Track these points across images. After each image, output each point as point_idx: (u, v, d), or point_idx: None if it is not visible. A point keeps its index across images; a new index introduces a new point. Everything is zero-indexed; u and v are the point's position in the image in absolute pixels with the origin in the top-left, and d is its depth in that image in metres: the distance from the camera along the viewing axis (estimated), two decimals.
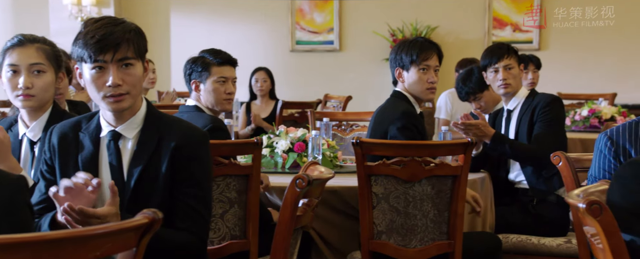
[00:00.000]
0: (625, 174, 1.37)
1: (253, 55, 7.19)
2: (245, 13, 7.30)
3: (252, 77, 4.88)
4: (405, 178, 2.32)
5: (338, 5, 7.24)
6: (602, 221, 1.31)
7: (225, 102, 2.54)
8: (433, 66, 2.59)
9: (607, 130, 1.92)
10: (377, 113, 2.68)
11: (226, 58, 2.57)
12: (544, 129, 2.76)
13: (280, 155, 2.81)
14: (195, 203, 1.51)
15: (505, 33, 7.14)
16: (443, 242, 2.36)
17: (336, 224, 2.53)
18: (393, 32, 7.04)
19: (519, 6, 7.11)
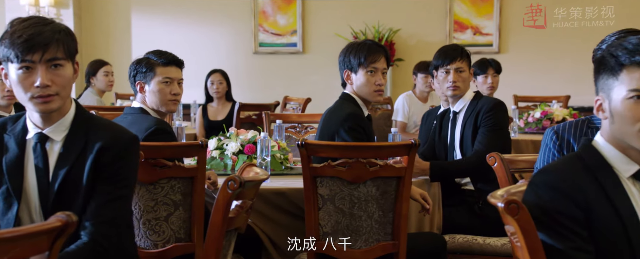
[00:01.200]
0: (537, 182, 1.41)
1: (216, 57, 7.17)
2: (207, 14, 7.28)
3: (208, 79, 4.86)
4: (350, 180, 2.34)
5: (301, 8, 7.27)
6: (520, 219, 1.34)
7: (171, 103, 2.54)
8: (381, 69, 2.63)
9: (555, 126, 1.98)
10: (325, 115, 2.70)
11: (171, 58, 2.56)
12: (488, 133, 2.82)
13: (229, 157, 2.81)
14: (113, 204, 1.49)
15: (466, 36, 7.26)
16: (388, 243, 2.39)
17: (284, 225, 2.54)
18: (356, 35, 7.09)
19: (479, 10, 7.23)
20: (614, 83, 1.39)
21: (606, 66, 1.41)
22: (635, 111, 1.36)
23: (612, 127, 1.41)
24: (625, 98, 1.37)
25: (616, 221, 1.35)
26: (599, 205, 1.35)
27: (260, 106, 4.52)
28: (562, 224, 1.33)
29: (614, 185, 1.39)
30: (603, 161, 1.42)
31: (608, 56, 1.41)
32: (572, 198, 1.34)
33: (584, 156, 1.43)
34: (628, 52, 1.37)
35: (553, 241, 1.34)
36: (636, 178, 1.43)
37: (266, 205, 2.53)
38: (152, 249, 2.22)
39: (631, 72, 1.36)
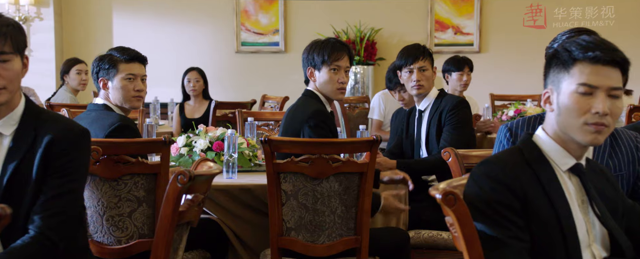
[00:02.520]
0: (478, 172, 1.45)
1: (198, 56, 7.19)
2: (189, 14, 7.29)
3: (185, 77, 4.88)
4: (313, 176, 2.37)
5: (283, 7, 7.29)
6: (457, 210, 1.39)
7: (134, 99, 2.56)
8: (344, 67, 2.66)
9: (509, 122, 2.03)
10: (288, 112, 2.73)
11: (134, 55, 2.58)
12: (452, 131, 2.87)
13: (198, 154, 2.83)
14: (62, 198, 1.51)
15: (447, 35, 7.31)
16: (350, 237, 2.42)
17: (250, 221, 2.57)
18: (337, 34, 7.12)
19: (459, 9, 7.28)
20: (565, 77, 1.44)
21: (559, 60, 1.46)
22: (581, 104, 1.41)
23: (558, 119, 1.46)
24: (574, 91, 1.42)
25: (551, 212, 1.40)
26: (536, 195, 1.40)
27: (237, 104, 4.54)
28: (501, 213, 1.37)
29: (551, 178, 1.44)
30: (541, 155, 1.47)
31: (562, 51, 1.46)
32: (510, 188, 1.38)
33: (523, 150, 1.48)
34: (581, 48, 1.43)
35: (491, 230, 1.38)
36: (573, 172, 1.47)
37: (233, 202, 2.56)
38: (116, 246, 2.24)
39: (582, 67, 1.42)
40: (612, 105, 1.42)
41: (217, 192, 2.54)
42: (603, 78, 1.41)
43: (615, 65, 1.43)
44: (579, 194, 1.46)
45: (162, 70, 6.92)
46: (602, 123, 1.41)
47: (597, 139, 1.43)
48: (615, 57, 1.43)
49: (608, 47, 1.44)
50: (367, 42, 7.07)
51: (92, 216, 2.25)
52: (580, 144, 1.45)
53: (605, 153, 1.85)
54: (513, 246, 1.36)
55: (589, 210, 1.46)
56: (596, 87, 1.41)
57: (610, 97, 1.42)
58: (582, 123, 1.42)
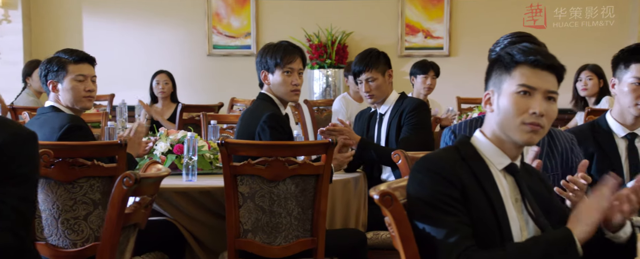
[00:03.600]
0: (418, 168, 1.50)
1: (169, 59, 7.17)
2: (161, 16, 7.27)
3: (153, 79, 4.88)
4: (270, 178, 2.40)
5: (255, 10, 7.31)
6: (393, 210, 1.43)
7: (85, 100, 2.57)
8: (297, 69, 2.70)
9: (452, 125, 2.09)
10: (244, 115, 2.76)
11: (83, 56, 2.59)
12: (410, 132, 2.92)
13: (158, 157, 2.85)
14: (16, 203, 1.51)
15: (418, 39, 7.38)
16: (307, 239, 2.45)
17: (209, 223, 2.59)
18: (309, 37, 7.16)
19: (429, 13, 7.36)
20: (506, 78, 1.51)
21: (502, 63, 1.53)
22: (519, 104, 1.48)
23: (497, 119, 1.52)
24: (514, 92, 1.49)
25: (487, 206, 1.45)
26: (473, 189, 1.46)
27: (203, 107, 4.55)
28: (446, 202, 1.43)
29: (486, 175, 1.49)
30: (477, 154, 1.53)
31: (505, 54, 1.53)
32: (450, 180, 1.44)
33: (460, 148, 1.54)
34: (523, 53, 1.51)
35: (439, 221, 1.42)
36: (508, 171, 1.53)
37: (192, 204, 2.58)
38: (71, 249, 2.25)
39: (523, 70, 1.50)
40: (548, 108, 1.49)
41: (176, 194, 2.56)
42: (541, 81, 1.49)
43: (553, 71, 1.51)
44: (513, 193, 1.52)
45: (133, 72, 6.90)
46: (538, 124, 1.48)
47: (533, 139, 1.49)
48: (554, 63, 1.51)
49: (547, 54, 1.53)
50: (338, 45, 7.11)
51: (46, 219, 2.25)
52: (516, 144, 1.51)
53: (542, 154, 1.91)
54: (463, 231, 1.41)
55: (522, 208, 1.51)
56: (535, 89, 1.49)
57: (547, 99, 1.49)
58: (519, 122, 1.49)
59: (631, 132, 2.20)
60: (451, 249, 1.40)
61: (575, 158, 1.95)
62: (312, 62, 7.14)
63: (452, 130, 2.01)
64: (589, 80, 4.29)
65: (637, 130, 2.20)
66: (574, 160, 1.95)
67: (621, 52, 2.19)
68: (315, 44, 7.12)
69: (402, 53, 7.27)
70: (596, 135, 2.20)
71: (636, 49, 2.14)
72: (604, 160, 2.15)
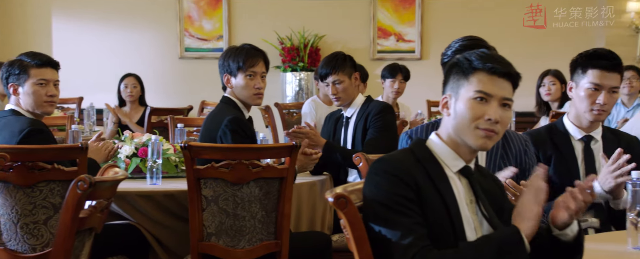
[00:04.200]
0: (374, 169, 1.51)
1: (140, 62, 7.12)
2: (132, 19, 7.21)
3: (121, 82, 4.84)
4: (234, 181, 2.40)
5: (227, 13, 7.29)
6: (347, 213, 1.44)
7: (47, 104, 2.53)
8: (259, 72, 2.70)
9: (408, 130, 2.11)
10: (207, 119, 2.75)
11: (46, 59, 2.56)
12: (375, 135, 2.95)
13: (123, 160, 2.83)
14: None
15: (389, 42, 7.44)
16: (270, 242, 2.45)
17: (173, 227, 2.58)
18: (282, 40, 7.17)
19: (401, 17, 7.42)
20: (464, 84, 1.53)
21: (460, 68, 1.55)
22: (475, 109, 1.51)
23: (453, 123, 1.54)
24: (471, 97, 1.51)
25: (441, 207, 1.48)
26: (428, 190, 1.48)
27: (172, 110, 4.53)
28: (402, 203, 1.44)
29: (441, 177, 1.51)
30: (432, 156, 1.55)
31: (463, 59, 1.55)
32: (405, 181, 1.46)
33: (415, 151, 1.56)
34: (481, 59, 1.53)
35: (395, 222, 1.44)
36: (462, 174, 1.55)
37: (156, 208, 2.56)
38: (30, 253, 2.21)
39: (480, 76, 1.52)
40: (503, 114, 1.52)
41: (140, 198, 2.54)
42: (497, 88, 1.52)
43: (509, 78, 1.54)
44: (467, 194, 1.54)
45: (104, 75, 6.82)
46: (492, 130, 1.51)
47: (486, 144, 1.52)
48: (510, 71, 1.54)
49: (504, 61, 1.56)
50: (311, 48, 7.13)
51: (5, 223, 2.21)
52: (471, 148, 1.54)
53: (497, 155, 1.95)
54: (418, 231, 1.42)
55: (477, 209, 1.54)
56: (491, 95, 1.51)
57: (502, 106, 1.52)
58: (474, 127, 1.51)
59: (587, 135, 2.24)
60: (406, 250, 1.41)
61: (528, 160, 1.99)
62: (284, 65, 7.15)
63: (409, 135, 2.03)
64: (552, 85, 4.37)
65: (593, 132, 2.24)
66: (528, 162, 1.98)
67: (579, 56, 2.23)
68: (288, 47, 7.14)
69: (374, 57, 7.32)
70: (553, 137, 2.24)
71: (594, 54, 2.18)
72: (561, 162, 2.19)
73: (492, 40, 7.76)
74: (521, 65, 3.73)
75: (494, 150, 1.97)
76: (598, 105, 2.16)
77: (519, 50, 7.09)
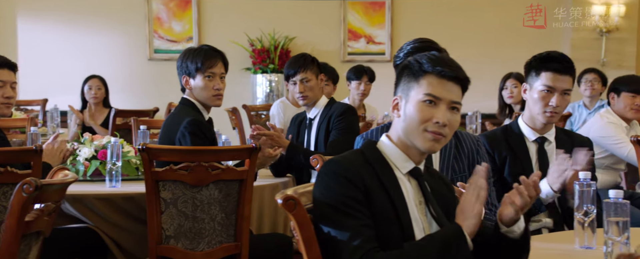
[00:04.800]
0: (324, 171, 1.52)
1: (109, 64, 7.04)
2: (99, 20, 7.12)
3: (85, 84, 4.78)
4: (193, 183, 2.38)
5: (197, 15, 7.25)
6: (296, 214, 1.44)
7: (4, 106, 2.50)
8: (218, 73, 2.69)
9: (364, 133, 2.12)
10: (166, 121, 2.73)
11: (2, 61, 2.53)
12: (338, 136, 2.95)
13: (82, 162, 2.79)
14: None
15: (360, 44, 7.47)
16: (230, 244, 2.44)
17: (132, 230, 2.55)
18: (252, 42, 7.15)
19: (371, 19, 7.45)
20: (414, 86, 1.54)
21: (411, 70, 1.56)
22: (424, 112, 1.51)
23: (403, 125, 1.55)
24: (420, 100, 1.52)
25: (390, 209, 1.49)
26: (376, 191, 1.49)
27: (137, 112, 4.48)
28: (350, 205, 1.45)
29: (391, 179, 1.52)
30: (382, 157, 1.56)
31: (414, 62, 1.56)
32: (354, 183, 1.47)
33: (366, 152, 1.56)
34: (432, 62, 1.54)
35: (343, 223, 1.44)
36: (412, 175, 1.56)
37: (114, 211, 2.53)
38: None
39: (430, 79, 1.53)
40: (451, 118, 1.54)
41: (98, 201, 2.51)
42: (446, 92, 1.53)
43: (458, 82, 1.56)
44: (417, 195, 1.55)
45: (71, 77, 6.72)
46: (440, 133, 1.52)
47: (434, 147, 1.53)
48: (459, 75, 1.55)
49: (454, 65, 1.57)
50: (281, 50, 7.12)
51: None
52: (420, 150, 1.55)
53: (450, 156, 1.97)
54: (366, 233, 1.43)
55: (426, 210, 1.55)
56: (440, 99, 1.53)
57: (451, 109, 1.54)
58: (423, 130, 1.52)
59: (541, 136, 2.28)
60: (353, 252, 1.42)
61: (481, 159, 2.01)
62: (255, 66, 7.13)
63: (364, 137, 2.04)
64: (514, 88, 4.42)
65: (546, 134, 2.28)
66: (480, 161, 2.01)
67: (533, 59, 2.26)
68: (258, 49, 7.12)
69: (344, 59, 7.33)
70: (508, 138, 2.27)
71: (547, 57, 2.22)
72: (515, 163, 2.22)
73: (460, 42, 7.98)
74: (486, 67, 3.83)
75: (446, 151, 1.99)
76: (551, 107, 2.19)
77: (486, 51, 7.19)
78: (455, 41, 7.41)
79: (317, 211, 1.50)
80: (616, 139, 3.26)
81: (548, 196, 2.00)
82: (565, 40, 6.90)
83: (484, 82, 6.87)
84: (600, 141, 3.34)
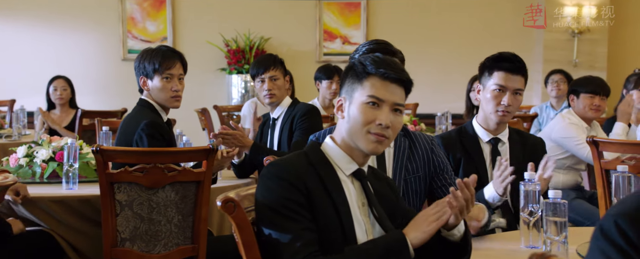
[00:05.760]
0: (266, 173, 1.50)
1: (82, 64, 6.96)
2: (73, 20, 7.04)
3: (50, 85, 4.71)
4: (148, 185, 2.35)
5: (171, 15, 7.20)
6: (236, 217, 1.43)
7: None
8: (177, 74, 2.66)
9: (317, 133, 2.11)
10: (123, 122, 2.70)
11: None
12: (301, 137, 2.94)
13: (39, 164, 2.75)
14: None
15: (335, 45, 7.46)
16: (187, 246, 2.42)
17: (88, 233, 2.52)
18: (227, 42, 7.11)
19: (347, 20, 7.45)
20: (358, 88, 1.53)
21: (355, 72, 1.55)
22: (367, 114, 1.50)
23: (346, 126, 1.54)
24: (364, 102, 1.51)
25: (332, 211, 1.47)
26: (318, 194, 1.47)
27: (105, 113, 4.43)
28: (290, 208, 1.44)
29: (333, 180, 1.51)
30: (325, 159, 1.54)
31: (358, 64, 1.55)
32: (295, 185, 1.45)
33: (309, 154, 1.55)
34: (375, 64, 1.53)
35: (283, 227, 1.43)
36: (355, 176, 1.55)
37: (70, 213, 2.50)
38: None
39: (373, 81, 1.52)
40: (394, 119, 1.53)
41: (53, 203, 2.47)
42: (389, 94, 1.52)
43: (401, 84, 1.55)
44: (360, 197, 1.54)
45: (43, 77, 6.61)
46: (382, 135, 1.51)
47: (377, 148, 1.52)
48: (402, 77, 1.54)
49: (397, 67, 1.56)
50: (256, 50, 7.09)
51: None
52: (363, 152, 1.54)
53: (404, 156, 1.96)
54: (306, 237, 1.42)
55: (369, 212, 1.54)
56: (383, 101, 1.52)
57: (394, 111, 1.53)
58: (366, 131, 1.51)
59: (494, 137, 2.28)
60: (294, 255, 1.41)
61: (436, 158, 2.01)
62: (230, 67, 7.10)
63: (317, 137, 2.03)
64: None
65: (500, 135, 2.29)
66: (435, 159, 2.01)
67: (486, 59, 2.27)
68: (234, 49, 7.08)
69: (320, 59, 7.32)
70: (463, 140, 2.27)
71: (499, 57, 2.23)
72: (469, 164, 2.22)
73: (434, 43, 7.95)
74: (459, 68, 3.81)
75: (400, 151, 1.99)
76: (503, 106, 2.21)
77: (459, 52, 7.22)
78: (429, 42, 7.48)
79: (259, 213, 1.48)
80: (577, 140, 3.28)
81: (495, 201, 2.01)
82: (538, 41, 6.95)
83: (455, 83, 6.92)
84: (562, 142, 3.37)
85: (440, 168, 2.00)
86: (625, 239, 0.95)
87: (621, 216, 0.98)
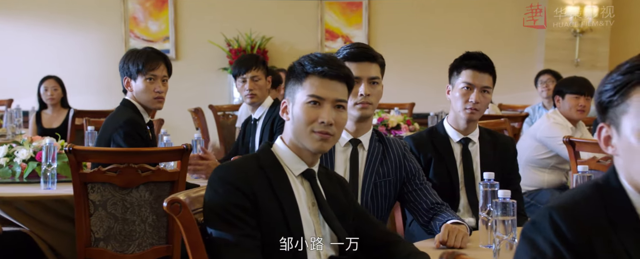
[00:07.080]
0: (214, 177, 1.49)
1: (85, 64, 7.00)
2: (75, 20, 7.08)
3: (41, 85, 4.73)
4: (122, 185, 2.36)
5: (173, 14, 7.22)
6: (181, 218, 1.42)
7: None
8: (160, 76, 2.67)
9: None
10: (105, 121, 2.71)
11: None
12: None
13: (19, 164, 2.76)
14: None
15: (337, 44, 7.44)
16: (161, 246, 2.42)
17: (65, 232, 2.52)
18: (229, 42, 7.12)
19: (348, 19, 7.44)
20: (299, 88, 1.53)
21: (294, 73, 1.54)
22: (309, 114, 1.50)
23: (292, 127, 1.54)
24: (305, 102, 1.50)
25: (278, 212, 1.46)
26: (266, 197, 1.46)
27: (97, 112, 4.44)
28: (233, 214, 1.43)
29: (283, 182, 1.50)
30: (275, 160, 1.53)
31: (297, 64, 1.55)
32: (242, 190, 1.45)
33: (260, 156, 1.54)
34: (312, 63, 1.52)
35: (225, 231, 1.43)
36: (304, 177, 1.54)
37: (47, 213, 2.50)
38: None
39: (312, 80, 1.52)
40: (337, 116, 1.52)
41: (30, 204, 2.48)
42: (330, 91, 1.52)
43: (341, 80, 1.53)
44: (309, 197, 1.54)
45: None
46: (327, 132, 1.51)
47: (323, 146, 1.51)
48: (340, 73, 1.53)
49: (336, 63, 1.55)
50: (258, 50, 7.10)
51: None
52: (310, 151, 1.53)
53: (376, 161, 1.96)
54: (244, 244, 1.41)
55: (318, 212, 1.53)
56: (323, 99, 1.52)
57: (336, 107, 1.52)
58: (310, 131, 1.51)
59: (465, 137, 2.27)
60: None
61: (407, 164, 2.00)
62: (232, 67, 7.11)
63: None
64: None
65: (470, 134, 2.27)
66: (407, 165, 2.00)
67: (454, 60, 2.28)
68: (235, 49, 7.09)
69: None
70: (434, 140, 2.26)
71: (467, 56, 2.23)
72: (440, 164, 2.21)
73: (436, 42, 7.91)
74: None
75: (374, 156, 1.99)
76: (471, 103, 2.21)
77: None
78: (430, 41, 7.43)
79: (205, 216, 1.48)
80: (560, 140, 3.26)
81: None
82: (539, 41, 6.88)
83: None
84: (546, 142, 3.36)
85: (411, 173, 1.99)
86: (556, 232, 0.94)
87: (556, 209, 0.97)
